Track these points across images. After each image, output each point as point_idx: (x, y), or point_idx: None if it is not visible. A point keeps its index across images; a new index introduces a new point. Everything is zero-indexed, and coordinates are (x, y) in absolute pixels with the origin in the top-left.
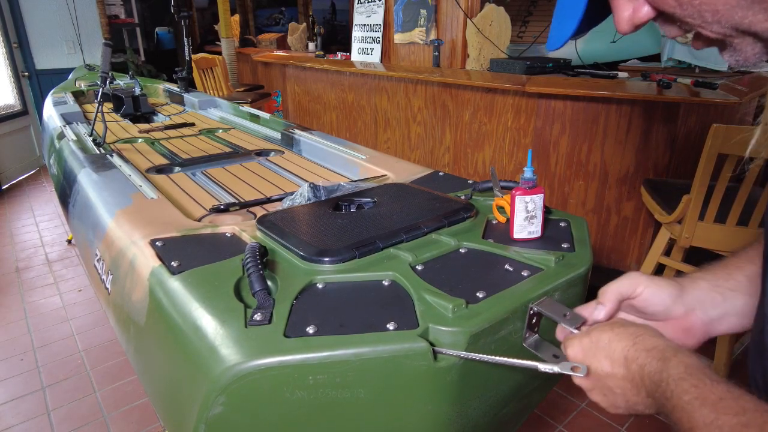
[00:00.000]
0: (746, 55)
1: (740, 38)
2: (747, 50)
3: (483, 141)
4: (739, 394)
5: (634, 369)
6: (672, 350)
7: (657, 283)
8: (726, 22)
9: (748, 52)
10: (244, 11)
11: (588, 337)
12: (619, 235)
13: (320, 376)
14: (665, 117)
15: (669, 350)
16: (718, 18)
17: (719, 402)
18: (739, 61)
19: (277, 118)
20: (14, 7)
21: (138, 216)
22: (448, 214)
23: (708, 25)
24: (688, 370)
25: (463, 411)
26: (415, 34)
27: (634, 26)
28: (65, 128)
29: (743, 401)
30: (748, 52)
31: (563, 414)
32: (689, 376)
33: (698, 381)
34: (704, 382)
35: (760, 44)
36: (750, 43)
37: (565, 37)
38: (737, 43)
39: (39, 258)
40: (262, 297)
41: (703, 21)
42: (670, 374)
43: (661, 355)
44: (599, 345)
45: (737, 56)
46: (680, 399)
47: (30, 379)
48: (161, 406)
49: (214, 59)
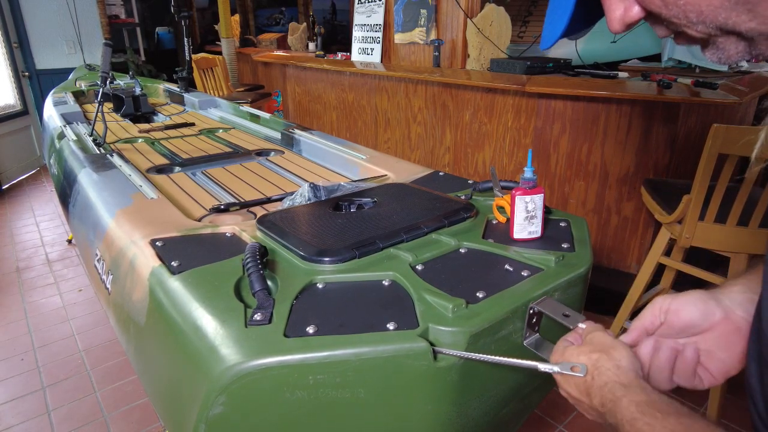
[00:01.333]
0: (729, 53)
1: (724, 37)
2: (730, 49)
3: (483, 141)
4: (689, 425)
5: (596, 404)
6: (622, 388)
7: (682, 296)
8: (710, 22)
9: (731, 51)
10: (245, 11)
11: (563, 357)
12: (620, 235)
13: (320, 376)
14: (665, 117)
15: (619, 389)
16: (703, 18)
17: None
18: (721, 59)
19: (278, 118)
20: (14, 7)
21: (138, 216)
22: (449, 214)
23: (693, 25)
24: (639, 409)
25: (463, 411)
26: (416, 34)
27: (625, 25)
28: (65, 128)
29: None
30: (731, 50)
31: (563, 414)
32: (642, 415)
33: (650, 418)
34: (656, 417)
35: (744, 43)
36: (733, 42)
37: (556, 36)
38: (721, 42)
39: (39, 258)
40: (262, 297)
41: (688, 21)
42: (623, 416)
43: (612, 396)
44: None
45: (720, 54)
46: None
47: (30, 379)
48: (161, 406)
49: (215, 59)
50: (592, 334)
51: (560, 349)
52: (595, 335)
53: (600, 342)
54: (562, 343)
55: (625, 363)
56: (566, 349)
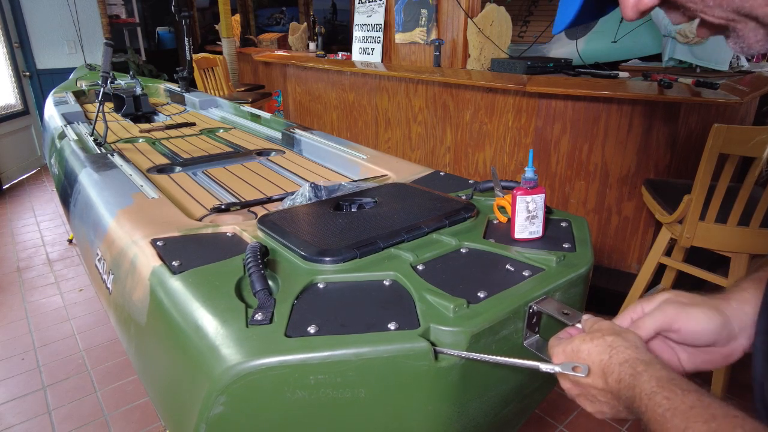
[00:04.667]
0: (749, 42)
1: (743, 23)
2: (750, 36)
3: (484, 141)
4: (709, 402)
5: (612, 382)
6: (643, 364)
7: (698, 321)
8: (727, 5)
9: (750, 39)
10: (245, 11)
11: (570, 345)
12: (620, 235)
13: (321, 376)
14: (666, 117)
15: (640, 364)
16: (719, 2)
17: (690, 410)
18: (743, 48)
19: (278, 117)
20: (15, 7)
21: (139, 215)
22: (449, 214)
23: (710, 9)
24: (660, 383)
25: (464, 411)
26: (416, 34)
27: (639, 13)
28: (66, 128)
29: (713, 408)
30: (750, 38)
31: (564, 414)
32: (661, 389)
33: (670, 393)
34: (675, 393)
35: (763, 30)
36: (753, 29)
37: (568, 20)
38: (740, 29)
39: (40, 257)
40: (263, 297)
41: (705, 5)
42: (643, 389)
43: (632, 371)
44: (580, 356)
45: (741, 43)
46: (654, 412)
47: (31, 379)
48: (162, 406)
49: (215, 59)
50: (600, 323)
51: (561, 342)
52: (602, 323)
53: (610, 327)
54: (555, 340)
55: (640, 344)
56: (574, 338)
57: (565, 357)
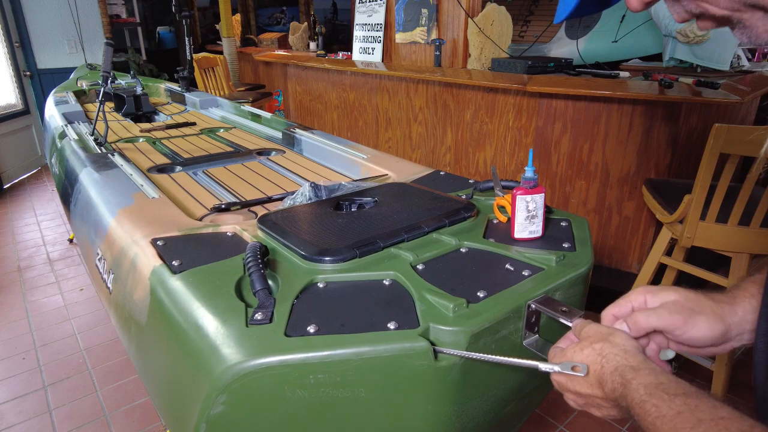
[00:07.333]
0: (758, 32)
1: (750, 13)
2: (758, 26)
3: (484, 140)
4: (696, 405)
5: (608, 391)
6: (632, 371)
7: (700, 329)
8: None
9: (759, 28)
10: (246, 10)
11: (565, 356)
12: (621, 234)
13: (321, 376)
14: (667, 116)
15: (629, 371)
16: None
17: (677, 417)
18: (751, 38)
19: (279, 117)
20: (16, 7)
21: (139, 215)
22: (449, 214)
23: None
24: (648, 391)
25: (464, 410)
26: (417, 34)
27: (644, 4)
28: (67, 127)
29: (699, 412)
30: (759, 28)
31: (564, 414)
32: (649, 397)
33: (657, 400)
34: (663, 399)
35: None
36: (760, 18)
37: (569, 9)
38: (747, 19)
39: (41, 257)
40: (263, 296)
41: None
42: (633, 398)
43: (622, 379)
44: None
45: (749, 33)
46: (645, 421)
47: (31, 378)
48: (163, 405)
49: (216, 59)
50: (586, 328)
51: (558, 353)
52: (589, 328)
53: (596, 332)
54: (555, 350)
55: (629, 346)
56: (566, 349)
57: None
